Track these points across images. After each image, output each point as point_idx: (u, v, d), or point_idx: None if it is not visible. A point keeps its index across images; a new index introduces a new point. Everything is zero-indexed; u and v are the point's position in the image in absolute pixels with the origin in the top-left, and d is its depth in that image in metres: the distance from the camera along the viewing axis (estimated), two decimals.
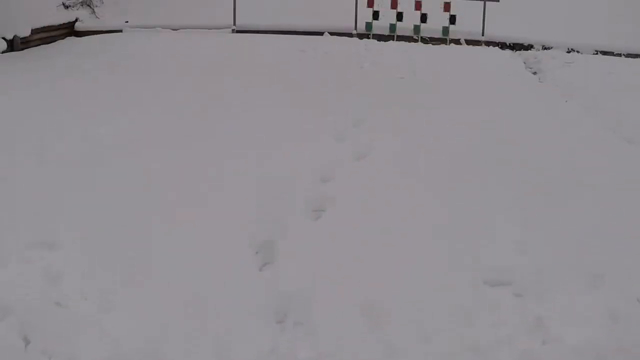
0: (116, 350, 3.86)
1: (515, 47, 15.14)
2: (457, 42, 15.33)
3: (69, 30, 15.87)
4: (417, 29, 15.39)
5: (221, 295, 4.35)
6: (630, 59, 14.28)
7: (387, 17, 15.47)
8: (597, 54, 14.69)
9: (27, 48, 14.11)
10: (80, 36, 15.70)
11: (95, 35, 15.38)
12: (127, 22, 16.08)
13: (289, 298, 4.33)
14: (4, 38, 13.47)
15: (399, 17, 15.40)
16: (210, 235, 5.08)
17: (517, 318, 4.19)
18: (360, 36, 15.44)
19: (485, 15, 15.15)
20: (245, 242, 4.98)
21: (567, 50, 14.68)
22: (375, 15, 15.51)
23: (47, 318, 4.05)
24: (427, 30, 15.43)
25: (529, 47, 15.10)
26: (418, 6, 15.34)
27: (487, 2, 15.14)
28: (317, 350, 3.94)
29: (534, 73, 12.61)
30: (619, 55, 14.65)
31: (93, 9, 16.50)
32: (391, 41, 15.17)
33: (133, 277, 4.49)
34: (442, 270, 4.67)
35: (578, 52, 14.63)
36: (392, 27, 15.45)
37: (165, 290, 4.37)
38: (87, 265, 4.60)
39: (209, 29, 15.65)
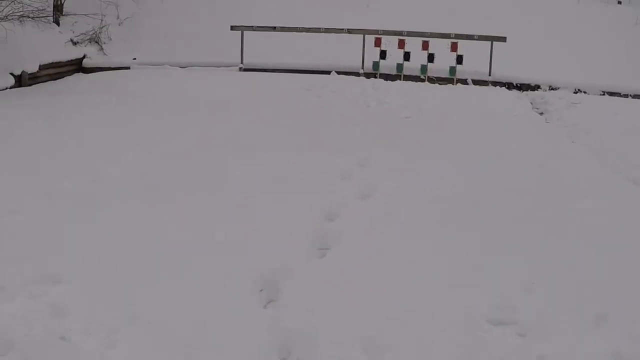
0: None
1: (522, 87, 15.23)
2: (463, 82, 15.43)
3: (77, 66, 16.07)
4: (424, 68, 15.50)
5: (225, 332, 4.32)
6: (637, 99, 14.35)
7: (395, 56, 15.57)
8: (604, 94, 14.76)
9: (35, 84, 14.29)
10: (88, 72, 15.89)
11: (102, 72, 15.54)
12: (134, 59, 16.24)
13: (293, 335, 4.31)
14: (12, 73, 13.62)
15: (406, 56, 15.52)
16: (214, 272, 5.06)
17: (520, 358, 4.13)
18: (368, 75, 15.56)
19: (492, 55, 15.23)
20: (250, 280, 4.95)
21: (574, 90, 14.74)
22: (383, 54, 15.64)
23: (51, 353, 4.02)
24: (434, 70, 15.55)
25: (535, 87, 15.18)
26: (425, 46, 15.46)
27: (494, 42, 15.21)
28: None
29: (541, 113, 12.64)
30: (626, 96, 14.72)
31: (101, 46, 16.69)
32: (398, 81, 15.26)
33: (137, 313, 4.46)
34: (445, 307, 4.63)
35: (585, 92, 14.70)
36: (399, 67, 15.56)
37: (169, 326, 4.35)
38: (92, 301, 4.58)
39: (216, 67, 15.76)
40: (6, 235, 5.56)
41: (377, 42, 15.69)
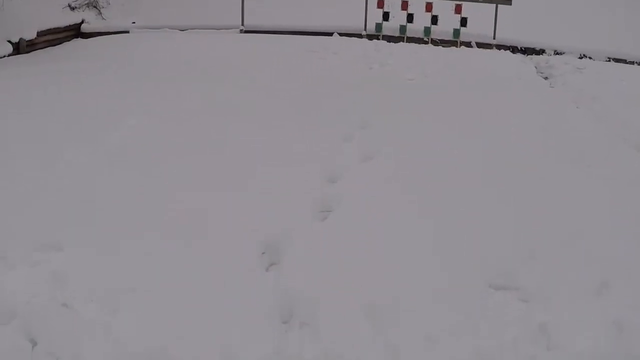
0: (122, 352, 3.86)
1: (527, 51, 15.10)
2: (467, 44, 15.29)
3: (75, 32, 15.88)
4: (427, 30, 15.37)
5: (227, 295, 4.35)
6: None
7: (398, 18, 15.42)
8: (609, 60, 14.62)
9: (33, 50, 14.11)
10: (87, 38, 15.70)
11: (101, 37, 15.38)
12: (134, 22, 16.07)
13: (295, 298, 4.33)
14: (9, 41, 13.47)
15: (410, 18, 15.38)
16: (216, 236, 5.05)
17: (522, 323, 4.15)
18: (370, 37, 15.44)
19: (497, 18, 15.09)
20: (252, 243, 4.94)
21: (579, 56, 14.62)
22: (386, 16, 15.49)
23: (54, 320, 4.03)
24: (437, 32, 15.40)
25: (540, 51, 15.04)
26: (429, 8, 15.31)
27: (499, 5, 15.05)
28: (323, 352, 3.91)
29: (545, 78, 12.54)
30: (632, 63, 14.58)
31: (99, 10, 16.48)
32: (401, 42, 15.13)
33: (139, 279, 4.47)
34: (448, 273, 4.65)
35: (590, 58, 14.57)
36: (402, 29, 15.42)
37: (171, 292, 4.36)
38: (93, 267, 4.57)
39: (216, 29, 15.61)
40: (7, 204, 5.50)
41: (380, 4, 15.54)
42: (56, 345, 3.85)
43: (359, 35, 15.42)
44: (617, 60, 14.61)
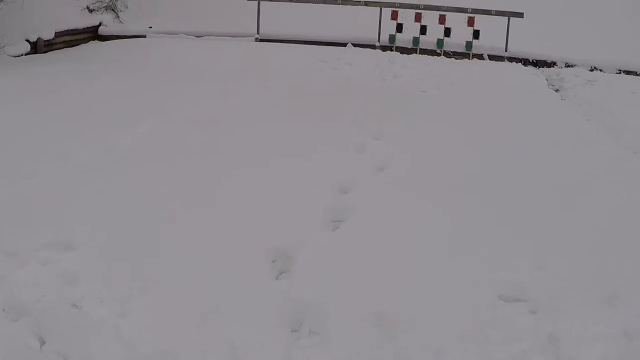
0: (131, 354, 3.86)
1: (538, 63, 15.18)
2: (480, 57, 15.39)
3: (92, 34, 16.02)
4: (440, 42, 15.46)
5: (237, 302, 4.33)
6: None
7: (411, 30, 15.51)
8: (620, 73, 14.64)
9: (51, 51, 14.22)
10: (104, 40, 15.85)
11: (118, 40, 15.51)
12: (150, 27, 16.21)
13: (305, 307, 4.31)
14: (27, 40, 13.58)
15: (423, 30, 15.48)
16: (227, 243, 5.06)
17: (531, 335, 4.14)
18: (384, 48, 15.55)
19: (509, 31, 15.15)
20: (262, 251, 4.95)
21: (589, 68, 14.66)
22: (399, 27, 15.61)
23: (63, 319, 4.05)
24: (450, 44, 15.50)
25: (551, 64, 15.13)
26: (442, 20, 15.42)
27: (511, 18, 15.13)
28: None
29: (556, 90, 12.59)
30: None
31: (117, 14, 16.61)
32: (414, 54, 15.23)
33: (149, 282, 4.47)
34: (458, 284, 4.63)
35: (601, 70, 14.62)
36: (416, 41, 15.52)
37: (181, 296, 4.37)
38: (104, 269, 4.59)
39: (232, 36, 15.73)
40: (21, 200, 5.57)
41: (394, 15, 15.62)
42: (64, 344, 3.86)
43: (373, 47, 15.51)
44: (627, 72, 14.63)
